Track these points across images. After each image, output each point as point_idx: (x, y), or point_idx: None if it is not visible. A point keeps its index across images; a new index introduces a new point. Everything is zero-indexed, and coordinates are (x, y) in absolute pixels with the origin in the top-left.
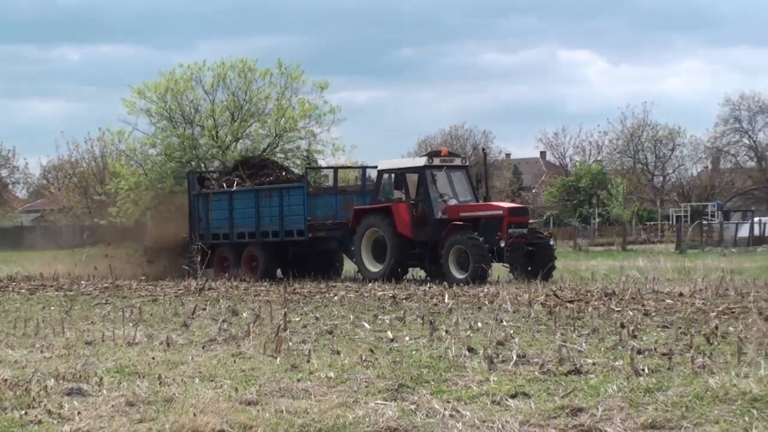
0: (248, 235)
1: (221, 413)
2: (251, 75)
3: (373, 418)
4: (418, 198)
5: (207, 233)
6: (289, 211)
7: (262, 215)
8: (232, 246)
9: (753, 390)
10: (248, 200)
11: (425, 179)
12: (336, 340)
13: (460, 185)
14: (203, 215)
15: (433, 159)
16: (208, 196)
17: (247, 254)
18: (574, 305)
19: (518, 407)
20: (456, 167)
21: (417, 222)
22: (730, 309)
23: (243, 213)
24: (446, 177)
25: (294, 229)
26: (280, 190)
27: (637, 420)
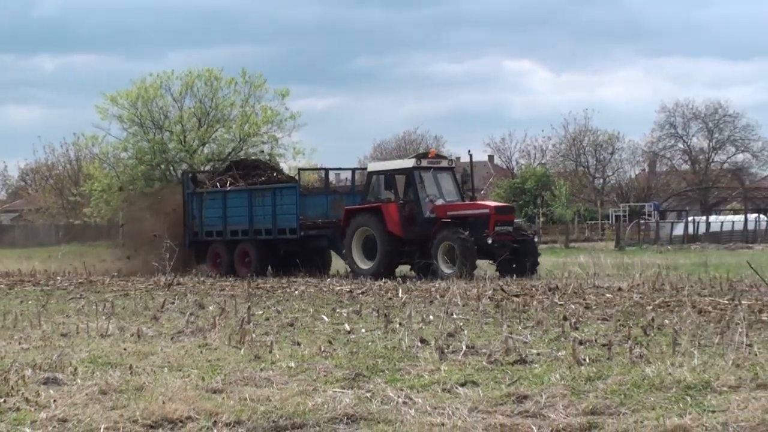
0: (241, 232)
1: (189, 401)
2: (217, 83)
3: (331, 405)
4: (407, 198)
5: (201, 231)
6: (282, 210)
7: (256, 214)
8: (226, 243)
9: (687, 378)
10: (242, 199)
11: (413, 180)
12: (296, 332)
13: (447, 185)
14: (197, 213)
15: (420, 161)
16: (202, 195)
17: (240, 251)
18: (520, 299)
19: (467, 395)
20: (442, 168)
21: (406, 221)
22: (666, 302)
23: (236, 212)
24: (433, 178)
25: (286, 227)
26: (273, 189)
27: (579, 407)
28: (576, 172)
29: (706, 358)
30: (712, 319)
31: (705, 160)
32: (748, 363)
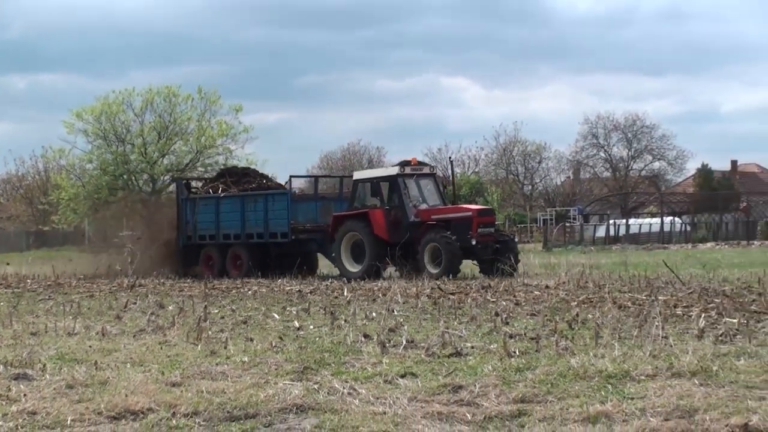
0: (233, 236)
1: (149, 394)
2: (175, 99)
3: (282, 396)
4: (392, 204)
5: (194, 234)
6: (274, 215)
7: (248, 218)
8: (218, 246)
9: (608, 368)
10: (234, 205)
11: (398, 186)
12: (250, 329)
13: (429, 191)
14: (190, 218)
15: (404, 168)
16: (195, 201)
17: (232, 254)
18: (456, 297)
19: (407, 385)
20: (424, 175)
21: (392, 225)
22: (589, 299)
23: (229, 216)
24: (416, 184)
25: (278, 231)
26: (265, 196)
27: (510, 395)
28: (506, 180)
29: (626, 350)
30: (631, 313)
31: (624, 168)
32: (664, 354)
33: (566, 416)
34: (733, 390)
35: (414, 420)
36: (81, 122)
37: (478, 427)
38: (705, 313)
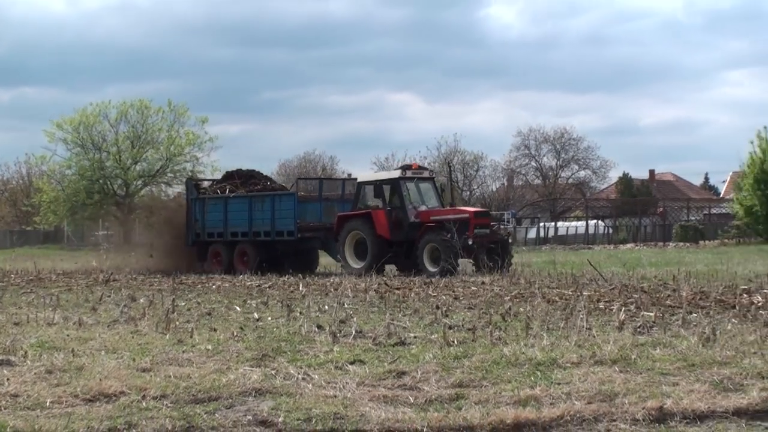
0: (241, 234)
1: (122, 378)
2: (147, 111)
3: (242, 381)
4: (393, 205)
5: (203, 232)
6: (281, 214)
7: (255, 217)
8: (226, 243)
9: (537, 356)
10: (242, 204)
11: (399, 189)
12: (213, 320)
13: (428, 194)
14: (199, 216)
15: (405, 172)
16: (204, 201)
17: (239, 250)
18: (400, 291)
19: (356, 371)
20: (424, 179)
21: (393, 225)
22: (521, 294)
23: (237, 215)
24: (416, 187)
25: (284, 229)
26: (272, 196)
27: (448, 380)
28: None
29: (554, 340)
30: (559, 307)
31: (553, 176)
32: (587, 343)
33: (499, 399)
34: (650, 376)
35: (362, 403)
36: (61, 132)
37: (420, 409)
38: (625, 307)
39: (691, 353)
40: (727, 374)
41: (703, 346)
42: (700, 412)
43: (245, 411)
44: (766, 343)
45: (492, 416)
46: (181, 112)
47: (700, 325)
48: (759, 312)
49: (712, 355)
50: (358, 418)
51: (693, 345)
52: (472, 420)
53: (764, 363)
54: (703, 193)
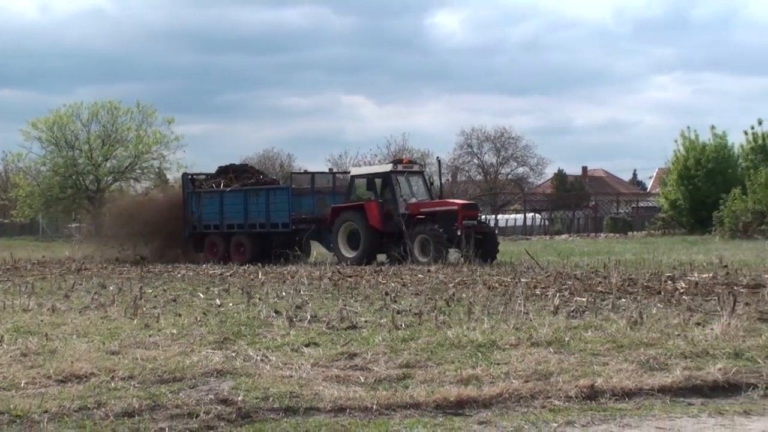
0: (237, 226)
1: (92, 361)
2: (117, 112)
3: (204, 363)
4: (385, 197)
5: (199, 224)
6: (276, 207)
7: (250, 210)
8: (222, 235)
9: (478, 339)
10: (238, 198)
11: (390, 182)
12: (178, 306)
13: (418, 187)
14: (196, 209)
15: (396, 166)
16: (200, 195)
17: (235, 242)
18: (352, 279)
19: (311, 353)
20: (414, 172)
21: (384, 217)
22: (464, 281)
23: (232, 208)
24: (406, 180)
25: (279, 221)
26: (267, 190)
27: (396, 361)
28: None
29: (494, 323)
30: (499, 293)
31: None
32: (525, 327)
33: (443, 379)
34: (582, 357)
35: (316, 382)
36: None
37: (370, 388)
38: (559, 293)
39: (620, 335)
40: (653, 354)
41: (631, 329)
42: (628, 389)
43: (207, 390)
44: (688, 325)
45: (436, 394)
46: (149, 113)
47: (628, 309)
48: (682, 297)
49: (639, 337)
50: (312, 397)
51: (622, 328)
52: (418, 398)
53: (687, 344)
54: (632, 188)
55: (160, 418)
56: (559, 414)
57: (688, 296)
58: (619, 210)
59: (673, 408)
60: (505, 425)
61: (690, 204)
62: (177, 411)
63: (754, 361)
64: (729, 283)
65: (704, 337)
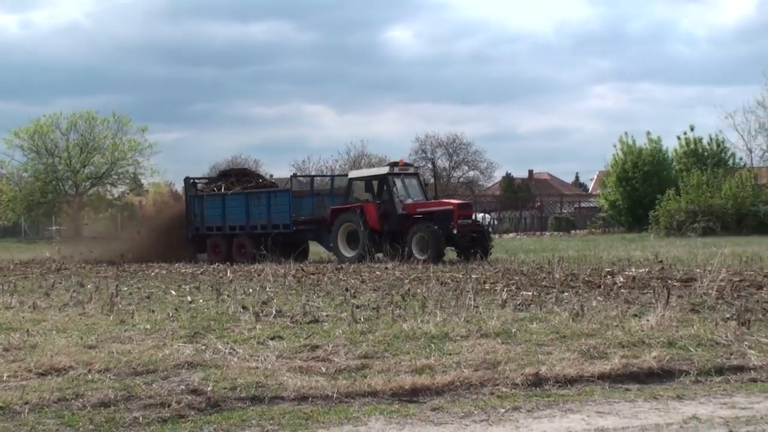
0: (239, 227)
1: (71, 355)
2: (94, 122)
3: (176, 356)
4: (382, 198)
5: (202, 226)
6: (277, 209)
7: (252, 212)
8: (224, 236)
9: (432, 331)
10: (239, 200)
11: (388, 184)
12: (152, 302)
13: (413, 188)
14: (198, 212)
15: (393, 168)
16: (203, 198)
17: (237, 242)
18: (315, 276)
19: (275, 346)
20: (410, 174)
21: (382, 217)
22: (418, 277)
23: (234, 210)
24: (402, 182)
25: (280, 223)
26: (268, 193)
27: (355, 352)
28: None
29: (446, 317)
30: (451, 288)
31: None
32: (475, 319)
33: (399, 368)
34: (528, 347)
35: (280, 373)
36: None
37: (331, 377)
38: (507, 288)
39: (563, 327)
40: (593, 344)
41: (573, 321)
42: (570, 376)
43: (179, 381)
44: (626, 317)
45: (393, 383)
46: (124, 122)
47: (570, 302)
48: (620, 291)
49: (580, 328)
50: (277, 386)
51: (564, 320)
52: (375, 386)
53: (624, 334)
54: (574, 190)
55: (135, 407)
56: (507, 400)
57: (626, 290)
58: (563, 210)
59: (611, 393)
60: (456, 411)
61: (628, 204)
62: (150, 401)
63: (686, 349)
64: (663, 277)
65: (640, 328)
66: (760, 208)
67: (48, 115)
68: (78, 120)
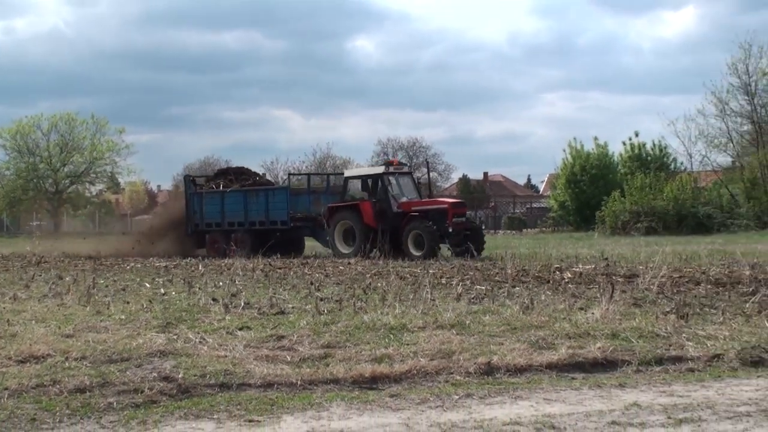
0: (237, 224)
1: (49, 343)
2: (73, 123)
3: (149, 344)
4: (378, 197)
5: (201, 222)
6: (275, 206)
7: (250, 209)
8: (223, 232)
9: (391, 322)
10: (238, 198)
11: (384, 183)
12: (127, 294)
13: (407, 187)
14: (197, 209)
15: (388, 167)
16: (202, 195)
17: (236, 238)
18: (282, 270)
19: (243, 336)
20: (404, 173)
21: (378, 214)
22: (379, 272)
23: (233, 207)
24: (397, 181)
25: (278, 219)
26: (266, 191)
27: (319, 342)
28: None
29: (404, 309)
30: (409, 282)
31: None
32: (431, 312)
33: (360, 357)
34: (481, 338)
35: (248, 361)
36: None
37: (295, 366)
38: (462, 282)
39: (514, 319)
40: (542, 335)
41: (523, 313)
42: (520, 366)
43: (151, 369)
44: (573, 310)
45: (353, 371)
46: (102, 124)
47: (521, 296)
48: (568, 286)
49: (530, 321)
50: (244, 374)
51: (515, 312)
52: (337, 374)
53: (571, 326)
54: (526, 191)
55: (109, 393)
56: (460, 387)
57: (573, 285)
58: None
59: (558, 382)
60: (413, 398)
61: (576, 205)
62: (124, 387)
63: (629, 341)
64: (608, 273)
65: (586, 320)
66: (699, 209)
67: (30, 116)
68: (58, 121)
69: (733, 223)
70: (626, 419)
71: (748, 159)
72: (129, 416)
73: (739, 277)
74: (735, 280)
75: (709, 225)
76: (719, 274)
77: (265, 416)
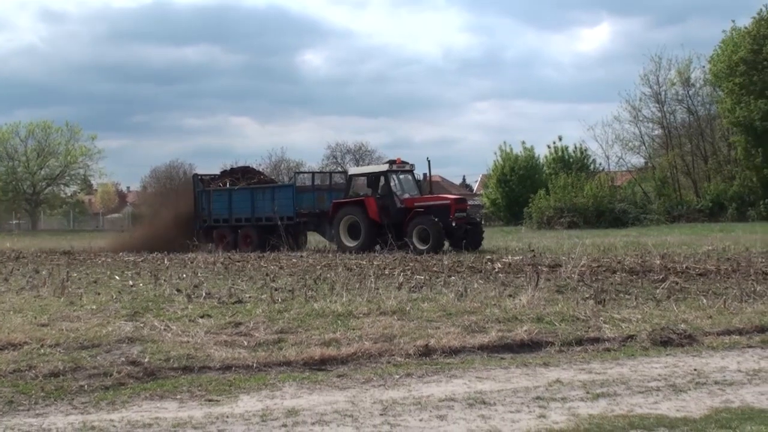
0: (244, 220)
1: (25, 332)
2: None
3: (118, 332)
4: (382, 193)
5: (209, 218)
6: (281, 202)
7: (257, 206)
8: (230, 227)
9: (339, 309)
10: (245, 195)
11: (387, 180)
12: (98, 286)
13: (408, 184)
14: (206, 206)
15: (392, 165)
16: (210, 192)
17: (243, 233)
18: (240, 263)
19: (204, 323)
20: (406, 171)
21: (382, 210)
22: (328, 264)
23: (240, 204)
24: (399, 178)
25: (284, 215)
26: (273, 188)
27: (273, 328)
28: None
29: (351, 297)
30: (355, 273)
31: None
32: (375, 299)
33: (310, 341)
34: (420, 323)
35: (208, 346)
36: None
37: (252, 350)
38: (403, 273)
39: (449, 305)
40: (474, 320)
41: (458, 300)
42: (455, 348)
43: (120, 354)
44: (502, 297)
45: (304, 354)
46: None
47: (456, 285)
48: (498, 275)
49: (464, 307)
50: (205, 358)
51: (451, 299)
52: (289, 357)
53: (501, 311)
54: (462, 190)
55: (81, 377)
56: (401, 368)
57: (503, 274)
58: None
59: (489, 362)
60: (359, 377)
61: (506, 202)
62: (94, 371)
63: (552, 324)
64: (534, 263)
65: (514, 306)
66: (615, 205)
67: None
68: (35, 128)
69: (646, 218)
70: (549, 394)
71: (659, 160)
72: (99, 398)
73: (650, 266)
74: (647, 269)
75: (624, 219)
76: (633, 264)
77: (224, 396)
